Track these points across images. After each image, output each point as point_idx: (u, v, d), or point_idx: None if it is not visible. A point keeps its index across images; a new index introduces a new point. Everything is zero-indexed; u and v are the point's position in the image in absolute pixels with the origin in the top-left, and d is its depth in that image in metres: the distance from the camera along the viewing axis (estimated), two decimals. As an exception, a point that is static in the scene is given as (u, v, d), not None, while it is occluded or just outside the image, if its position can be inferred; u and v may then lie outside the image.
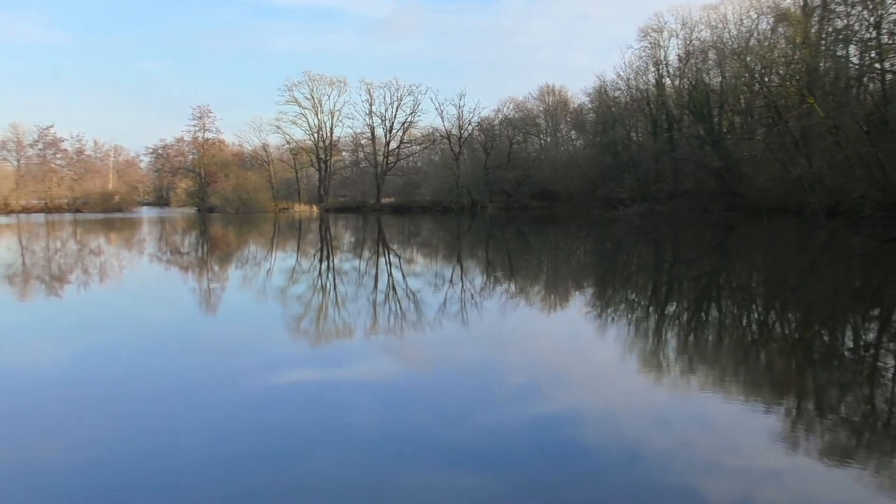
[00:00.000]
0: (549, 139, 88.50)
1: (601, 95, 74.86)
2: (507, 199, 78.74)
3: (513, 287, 19.84)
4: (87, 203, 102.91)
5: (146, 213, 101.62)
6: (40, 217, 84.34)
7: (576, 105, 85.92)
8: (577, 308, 16.27)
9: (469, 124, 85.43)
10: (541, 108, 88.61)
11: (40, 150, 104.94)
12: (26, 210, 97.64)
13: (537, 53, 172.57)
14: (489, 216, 67.92)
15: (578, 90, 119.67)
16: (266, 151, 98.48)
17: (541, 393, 8.96)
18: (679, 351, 11.58)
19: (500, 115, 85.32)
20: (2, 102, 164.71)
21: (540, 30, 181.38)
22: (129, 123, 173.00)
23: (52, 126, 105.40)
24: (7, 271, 25.00)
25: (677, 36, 67.47)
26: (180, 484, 6.11)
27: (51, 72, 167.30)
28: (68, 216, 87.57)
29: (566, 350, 11.69)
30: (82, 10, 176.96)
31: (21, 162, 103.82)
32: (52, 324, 14.84)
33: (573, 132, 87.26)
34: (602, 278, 21.85)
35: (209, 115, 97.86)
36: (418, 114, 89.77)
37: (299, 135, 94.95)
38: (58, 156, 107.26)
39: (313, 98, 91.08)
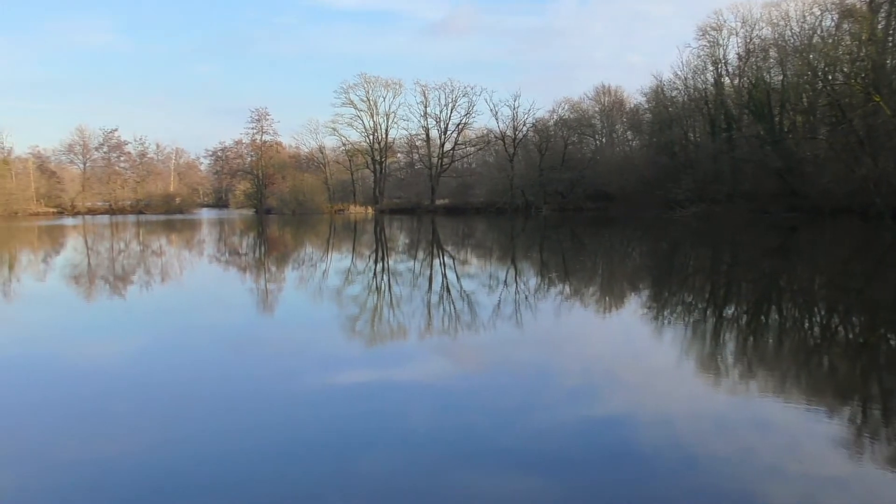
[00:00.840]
0: (604, 140, 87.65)
1: (658, 95, 73.80)
2: (562, 200, 78.17)
3: (567, 289, 19.69)
4: (150, 205, 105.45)
5: (205, 214, 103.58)
6: (105, 218, 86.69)
7: (632, 105, 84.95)
8: (633, 310, 16.08)
9: (524, 125, 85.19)
10: (596, 109, 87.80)
11: (105, 153, 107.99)
12: (92, 212, 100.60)
13: (593, 53, 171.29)
14: (543, 217, 67.56)
15: (634, 90, 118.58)
16: (322, 153, 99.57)
17: (594, 395, 8.87)
18: (737, 354, 11.36)
19: (554, 116, 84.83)
20: (69, 107, 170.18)
21: (596, 29, 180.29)
22: (190, 126, 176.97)
23: (116, 129, 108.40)
24: (74, 272, 25.78)
25: (737, 34, 66.20)
26: (236, 482, 6.21)
27: (115, 76, 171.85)
28: (131, 217, 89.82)
29: (620, 352, 11.54)
30: (144, 17, 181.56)
31: (87, 165, 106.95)
32: (115, 323, 15.24)
33: (629, 132, 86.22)
34: (658, 280, 21.55)
35: (267, 117, 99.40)
36: (473, 115, 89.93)
37: (355, 137, 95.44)
38: (122, 159, 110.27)
39: (369, 100, 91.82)
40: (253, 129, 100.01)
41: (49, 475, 6.38)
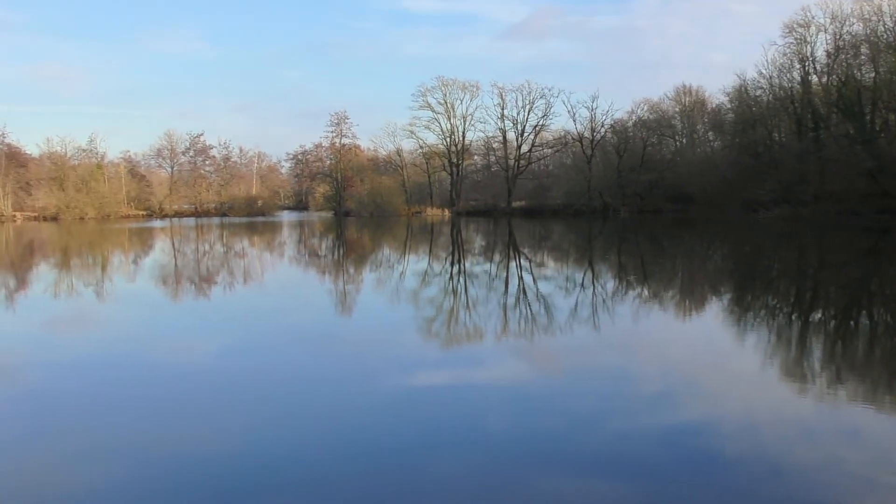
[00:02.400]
0: (684, 140, 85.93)
1: (741, 94, 71.95)
2: (640, 201, 76.89)
3: (646, 292, 19.39)
4: (233, 207, 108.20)
5: (286, 216, 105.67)
6: (190, 221, 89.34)
7: (714, 105, 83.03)
8: (715, 314, 15.72)
9: (602, 126, 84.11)
10: (676, 109, 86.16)
11: (191, 157, 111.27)
12: (178, 214, 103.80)
13: (674, 53, 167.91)
14: (621, 219, 66.64)
15: (716, 89, 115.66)
16: (400, 156, 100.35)
17: (675, 400, 8.71)
18: (825, 360, 10.99)
19: (633, 117, 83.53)
20: (158, 112, 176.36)
21: (677, 28, 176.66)
22: (272, 130, 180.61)
23: (202, 134, 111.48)
24: (162, 272, 26.71)
25: (826, 30, 63.97)
26: (317, 481, 6.33)
27: (202, 83, 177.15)
28: (215, 220, 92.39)
29: (702, 357, 11.29)
30: (229, 24, 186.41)
31: (174, 169, 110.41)
32: (200, 324, 15.75)
33: (710, 133, 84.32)
34: (741, 283, 21.00)
35: (346, 121, 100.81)
36: (550, 117, 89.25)
37: (432, 139, 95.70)
38: (207, 162, 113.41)
39: (446, 103, 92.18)
40: (332, 132, 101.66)
41: (141, 471, 6.62)
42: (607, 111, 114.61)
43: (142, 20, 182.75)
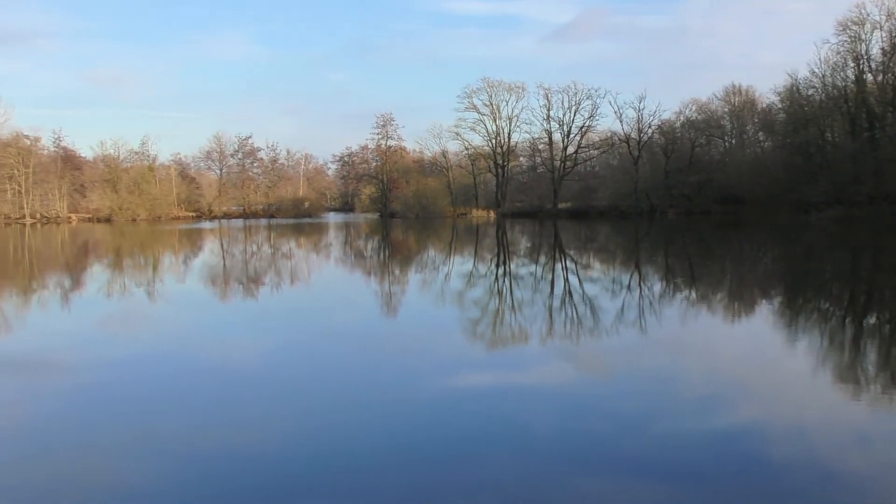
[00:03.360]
0: (733, 141, 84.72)
1: (793, 94, 70.68)
2: (688, 203, 75.91)
3: (693, 294, 19.13)
4: (280, 209, 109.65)
5: (332, 218, 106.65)
6: (239, 222, 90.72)
7: (764, 105, 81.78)
8: (765, 317, 15.44)
9: (649, 127, 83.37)
10: (725, 109, 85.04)
11: (240, 159, 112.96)
12: (227, 215, 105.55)
13: (724, 52, 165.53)
14: (669, 221, 65.86)
15: (767, 89, 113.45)
16: (445, 157, 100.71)
17: (723, 404, 8.57)
18: (879, 365, 10.72)
19: (681, 118, 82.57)
20: (208, 115, 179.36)
21: (728, 28, 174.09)
22: (319, 132, 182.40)
23: (250, 136, 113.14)
24: (211, 273, 27.18)
25: (881, 28, 62.49)
26: (361, 482, 6.37)
27: (250, 85, 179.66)
28: (263, 221, 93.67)
29: (751, 360, 11.06)
30: (280, 28, 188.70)
31: (223, 171, 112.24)
32: (247, 323, 15.97)
33: (760, 133, 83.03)
34: (792, 286, 20.60)
35: (391, 122, 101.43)
36: (596, 118, 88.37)
37: (478, 141, 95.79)
38: (255, 164, 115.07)
39: (492, 104, 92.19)
40: (378, 134, 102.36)
41: (190, 466, 6.74)
42: (654, 112, 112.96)
43: (195, 25, 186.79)
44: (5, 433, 7.74)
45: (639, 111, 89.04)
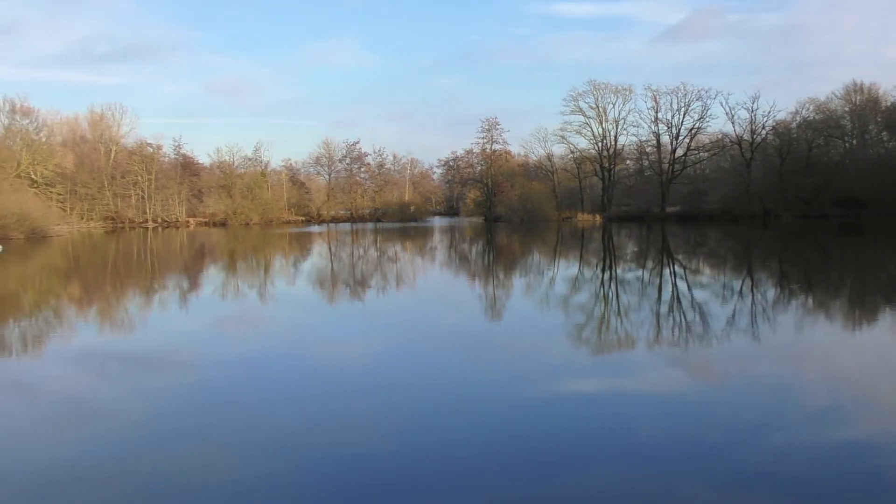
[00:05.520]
0: (854, 142, 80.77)
1: (921, 90, 66.93)
2: (804, 207, 72.87)
3: (810, 301, 18.41)
4: (386, 213, 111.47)
5: (437, 222, 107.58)
6: (346, 226, 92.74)
7: (889, 103, 77.62)
8: (888, 326, 14.70)
9: (762, 128, 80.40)
10: (846, 109, 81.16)
11: (347, 164, 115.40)
12: (335, 219, 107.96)
13: (844, 49, 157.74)
14: (783, 225, 63.41)
15: (892, 87, 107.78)
16: (550, 161, 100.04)
17: (842, 417, 8.22)
18: None
19: (797, 118, 79.36)
20: (318, 122, 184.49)
21: (849, 23, 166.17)
22: (425, 137, 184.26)
23: (357, 142, 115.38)
24: (320, 275, 28.00)
25: None
26: (453, 483, 6.47)
27: (360, 92, 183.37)
28: (370, 225, 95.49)
29: (872, 371, 10.56)
30: (390, 34, 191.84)
31: (331, 176, 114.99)
32: (354, 323, 16.40)
33: (884, 133, 78.86)
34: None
35: (497, 127, 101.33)
36: (707, 119, 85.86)
37: (583, 144, 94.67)
38: (362, 169, 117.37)
39: (598, 107, 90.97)
40: (483, 138, 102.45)
41: (297, 464, 7.02)
42: (768, 112, 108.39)
43: (309, 33, 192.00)
44: (136, 425, 8.24)
45: (752, 112, 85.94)
